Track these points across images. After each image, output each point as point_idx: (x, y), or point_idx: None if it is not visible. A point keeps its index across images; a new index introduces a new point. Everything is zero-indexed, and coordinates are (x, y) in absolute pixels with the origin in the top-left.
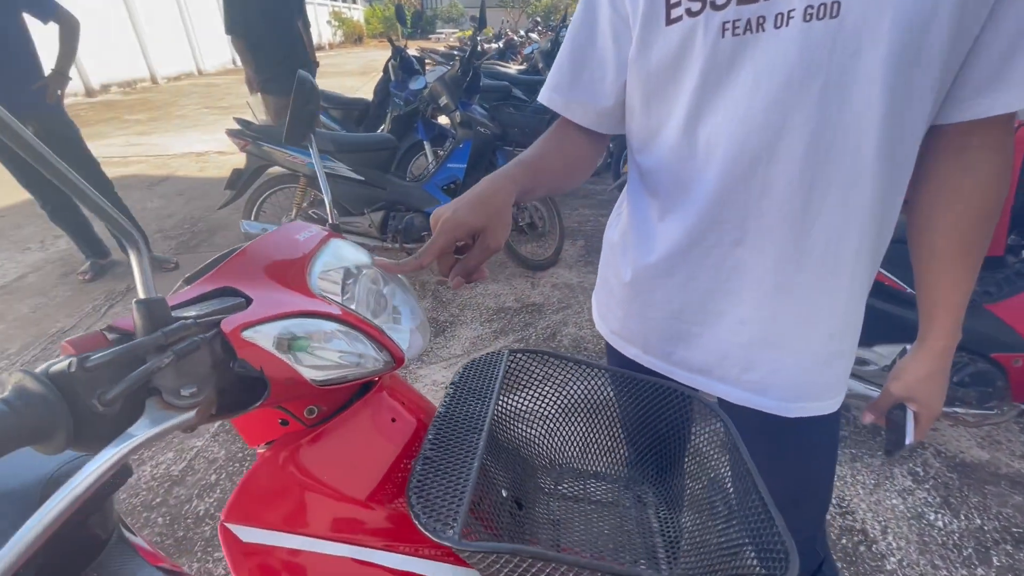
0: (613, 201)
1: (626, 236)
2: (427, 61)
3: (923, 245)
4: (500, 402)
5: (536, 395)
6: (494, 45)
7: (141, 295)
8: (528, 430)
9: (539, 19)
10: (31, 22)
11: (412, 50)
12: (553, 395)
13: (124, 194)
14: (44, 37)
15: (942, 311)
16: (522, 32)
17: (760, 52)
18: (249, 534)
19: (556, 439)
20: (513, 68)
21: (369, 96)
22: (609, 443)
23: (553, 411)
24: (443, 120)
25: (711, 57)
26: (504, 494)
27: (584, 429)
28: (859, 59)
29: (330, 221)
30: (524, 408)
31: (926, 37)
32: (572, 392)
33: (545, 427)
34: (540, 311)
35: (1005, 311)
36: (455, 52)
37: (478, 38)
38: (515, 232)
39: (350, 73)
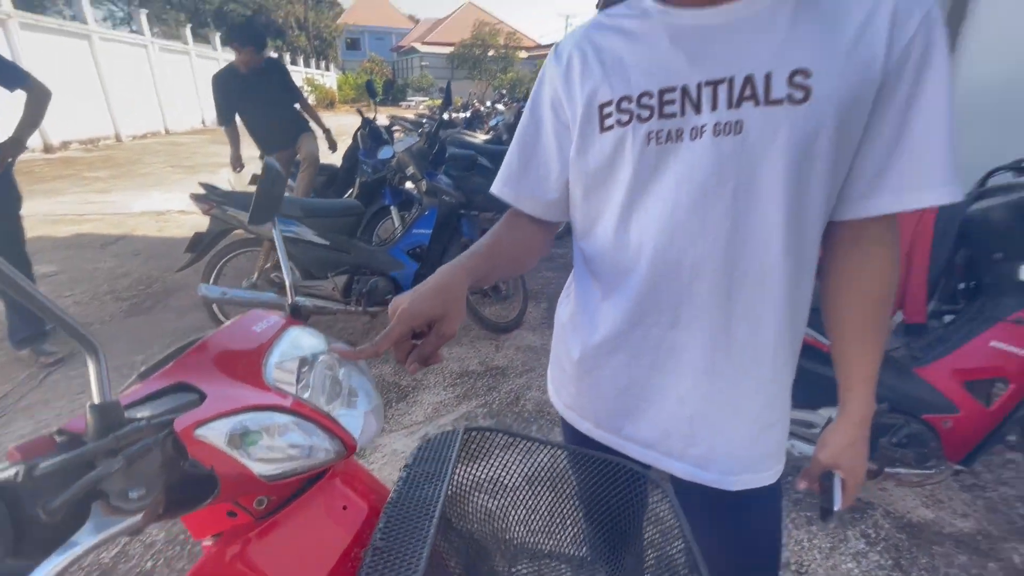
0: None
1: (574, 317)
2: (395, 128)
3: (834, 325)
4: (455, 480)
5: (491, 472)
6: (462, 115)
7: (95, 400)
8: (483, 509)
9: (504, 92)
10: None
11: (383, 117)
12: (508, 472)
13: (76, 253)
14: (7, 101)
15: (856, 383)
16: (488, 103)
17: (680, 160)
18: None
19: (511, 518)
20: (480, 137)
21: (337, 162)
22: (564, 521)
23: (508, 489)
24: (409, 185)
25: (639, 161)
26: None
27: (539, 507)
28: (761, 169)
29: (289, 301)
30: (480, 485)
31: (814, 152)
32: (528, 469)
33: (500, 505)
34: (504, 374)
35: (931, 374)
36: (423, 120)
37: (444, 114)
38: (479, 295)
39: (321, 138)
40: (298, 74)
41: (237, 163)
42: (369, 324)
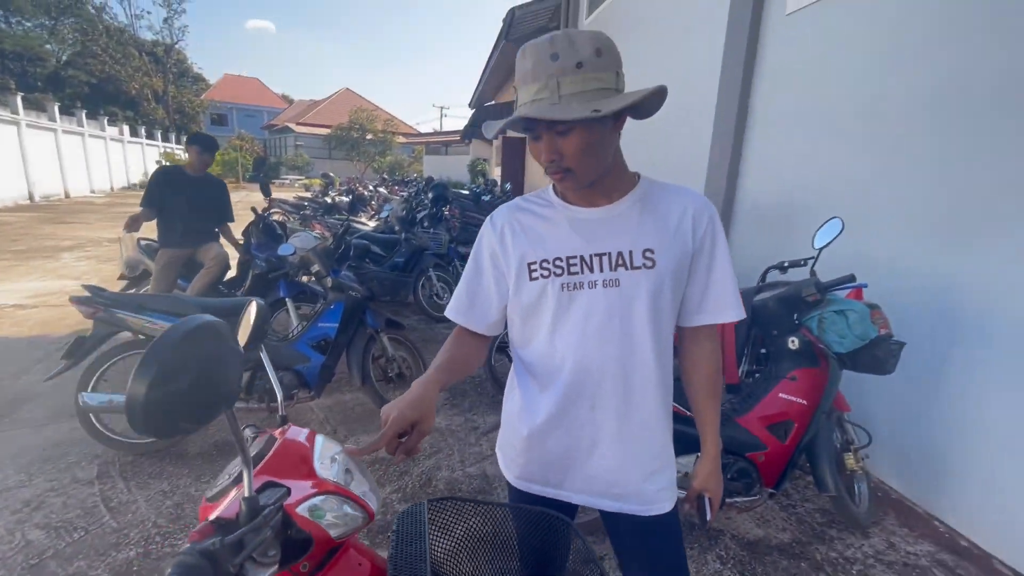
0: None
1: (521, 407)
2: (274, 211)
3: (690, 394)
4: (432, 542)
5: (452, 534)
6: (345, 198)
7: (246, 494)
8: (457, 565)
9: (385, 175)
10: None
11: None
12: (469, 532)
13: None
14: None
15: (709, 431)
16: (371, 187)
17: (584, 302)
18: None
19: (481, 568)
20: (369, 223)
21: None
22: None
23: (464, 547)
24: (306, 278)
25: (557, 302)
26: None
27: (489, 561)
28: (633, 307)
29: (280, 413)
30: (450, 546)
31: (662, 295)
32: (481, 528)
33: (456, 566)
34: (413, 459)
35: (746, 422)
36: (305, 203)
37: (327, 197)
38: (382, 382)
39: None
40: (153, 148)
41: (135, 224)
42: (269, 419)
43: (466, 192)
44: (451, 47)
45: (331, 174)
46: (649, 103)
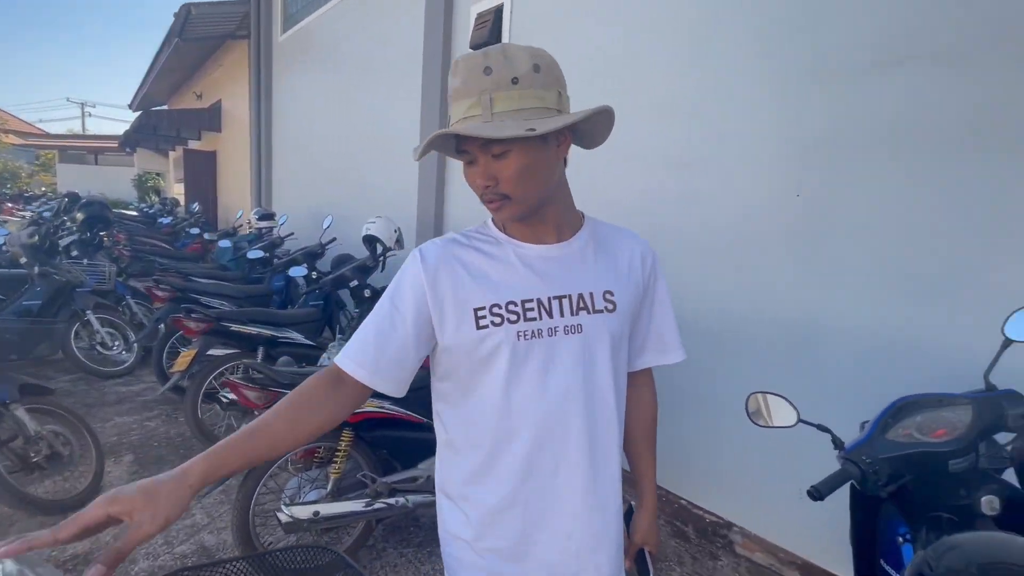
0: (157, 401)
1: (464, 485)
2: None
3: (627, 442)
4: None
5: None
6: None
7: None
8: None
9: None
10: None
11: None
12: None
13: None
14: None
15: (646, 483)
16: None
17: (545, 350)
18: None
19: None
20: None
21: None
22: None
23: None
24: None
25: (513, 352)
26: None
27: None
28: (597, 353)
29: None
30: None
31: (622, 339)
32: None
33: None
34: (86, 560)
35: None
36: None
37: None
38: (21, 473)
39: None
40: None
41: None
42: None
43: (134, 213)
44: (91, 34)
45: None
46: (596, 129)
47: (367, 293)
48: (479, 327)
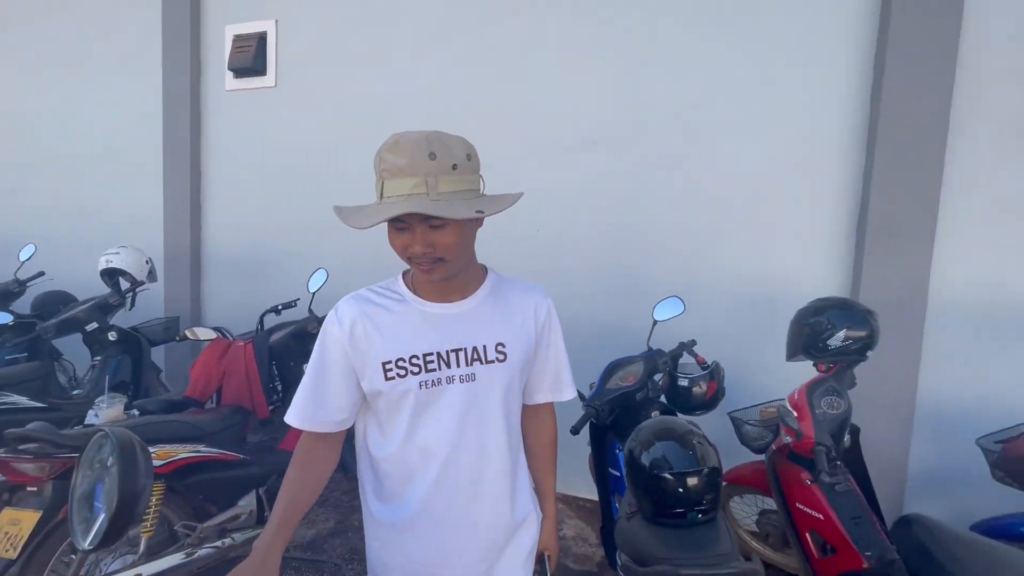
0: None
1: (387, 516)
2: None
3: (532, 462)
4: None
5: None
6: None
7: None
8: None
9: None
10: None
11: None
12: None
13: None
14: None
15: (547, 496)
16: None
17: (444, 397)
18: None
19: None
20: None
21: None
22: None
23: None
24: None
25: (416, 399)
26: None
27: None
28: (489, 398)
29: None
30: None
31: (513, 385)
32: None
33: None
34: None
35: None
36: None
37: None
38: None
39: None
40: None
41: None
42: None
43: None
44: None
45: None
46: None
47: (112, 336)
48: (387, 378)
